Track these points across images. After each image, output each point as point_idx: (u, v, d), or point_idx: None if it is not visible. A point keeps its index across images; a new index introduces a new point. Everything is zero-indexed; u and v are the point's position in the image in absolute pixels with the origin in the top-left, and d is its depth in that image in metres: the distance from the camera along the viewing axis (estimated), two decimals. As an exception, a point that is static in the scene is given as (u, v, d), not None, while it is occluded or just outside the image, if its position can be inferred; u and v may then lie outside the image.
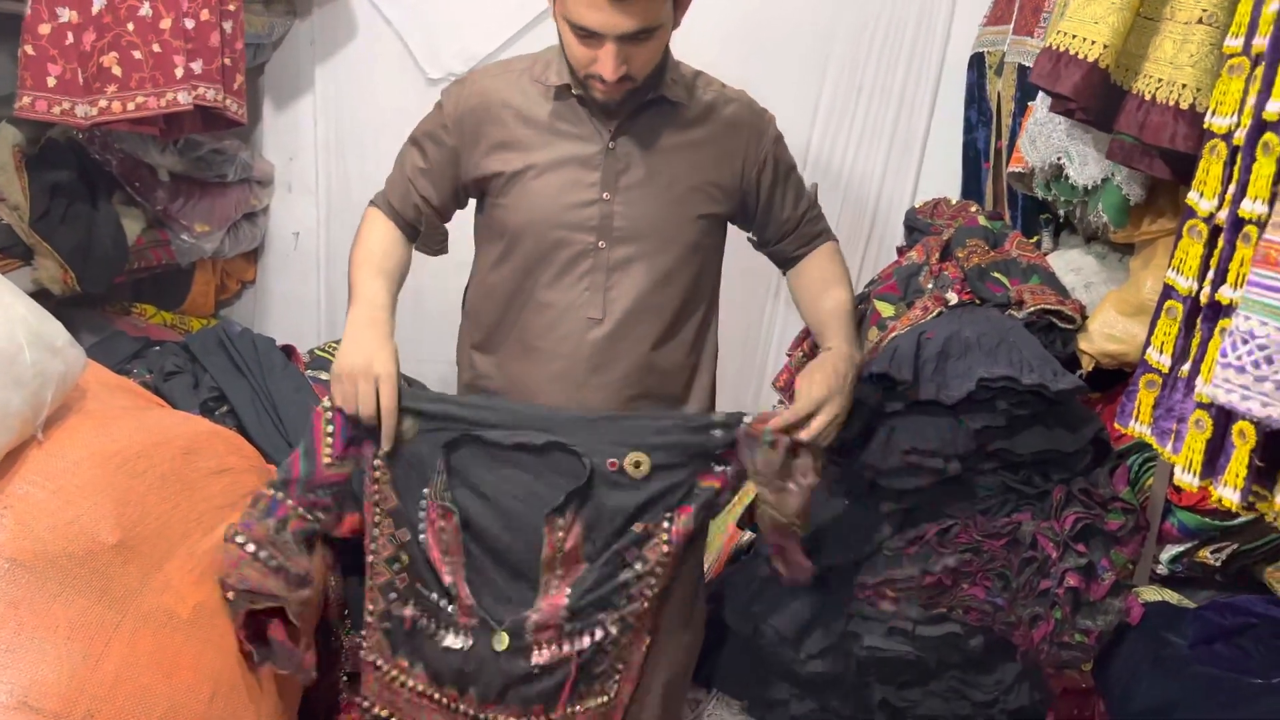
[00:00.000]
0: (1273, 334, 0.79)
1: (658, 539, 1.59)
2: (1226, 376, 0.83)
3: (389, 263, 1.70)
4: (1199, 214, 1.19)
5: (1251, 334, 0.80)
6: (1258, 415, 0.81)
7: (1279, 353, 0.79)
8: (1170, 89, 1.38)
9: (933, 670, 1.85)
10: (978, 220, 2.22)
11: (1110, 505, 1.71)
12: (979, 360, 1.71)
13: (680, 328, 1.71)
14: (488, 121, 1.64)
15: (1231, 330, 0.83)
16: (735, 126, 1.67)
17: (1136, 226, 1.79)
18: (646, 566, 1.59)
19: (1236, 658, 1.56)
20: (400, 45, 2.68)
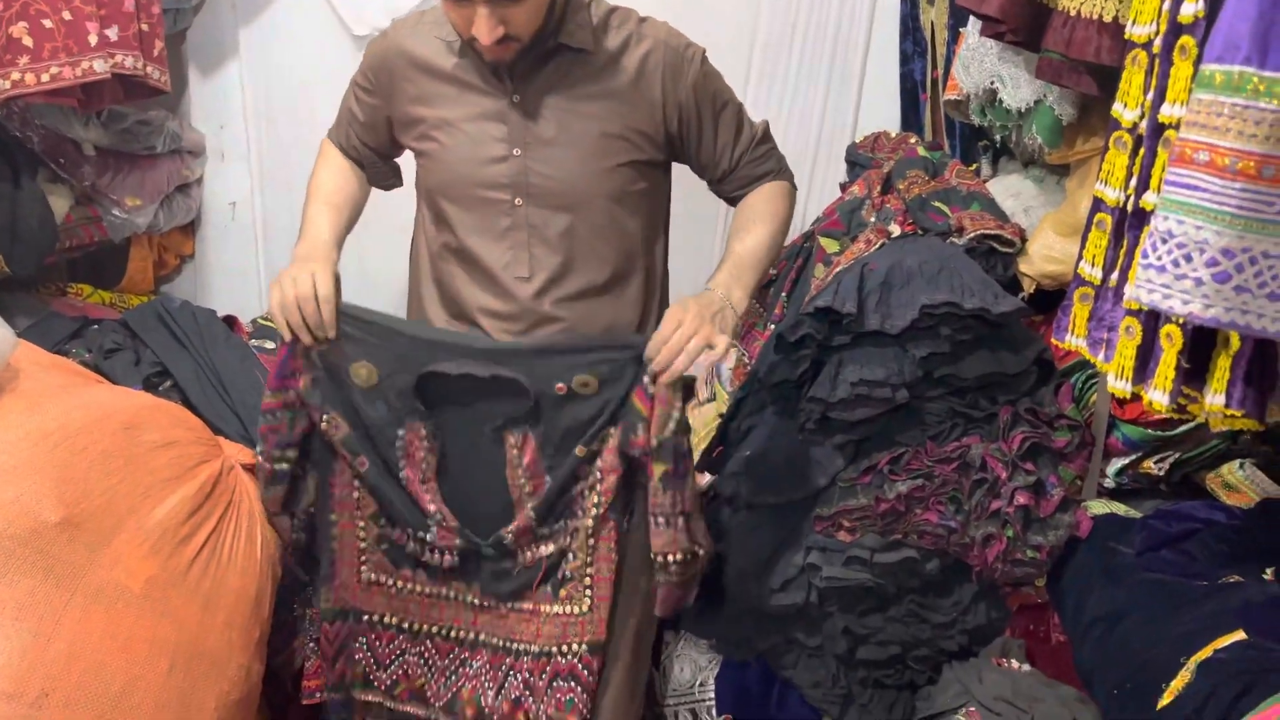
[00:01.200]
0: (1190, 231, 0.80)
1: (602, 460, 1.61)
2: (1149, 277, 0.84)
3: (339, 196, 1.73)
4: (1123, 124, 1.20)
5: (1170, 233, 0.81)
6: (1179, 312, 0.82)
7: (1197, 250, 0.80)
8: (1093, 3, 1.38)
9: (892, 596, 1.88)
10: (917, 151, 2.22)
11: (1056, 423, 1.74)
12: (921, 288, 1.72)
13: (620, 282, 1.71)
14: (400, 77, 1.64)
15: (1152, 231, 0.84)
16: (650, 66, 1.61)
17: (1071, 146, 1.81)
18: (591, 481, 1.63)
19: (1182, 563, 1.60)
20: (323, 3, 2.61)
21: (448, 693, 1.76)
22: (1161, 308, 0.83)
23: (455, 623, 1.74)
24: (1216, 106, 0.79)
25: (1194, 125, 0.81)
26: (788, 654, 2.00)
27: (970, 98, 1.98)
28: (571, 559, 1.68)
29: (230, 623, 1.50)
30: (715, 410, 2.44)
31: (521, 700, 1.73)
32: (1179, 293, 0.82)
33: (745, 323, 2.38)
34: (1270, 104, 0.76)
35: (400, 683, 1.76)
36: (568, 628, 1.70)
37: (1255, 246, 0.79)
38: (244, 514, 1.64)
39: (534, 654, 1.71)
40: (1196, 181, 0.80)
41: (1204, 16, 0.97)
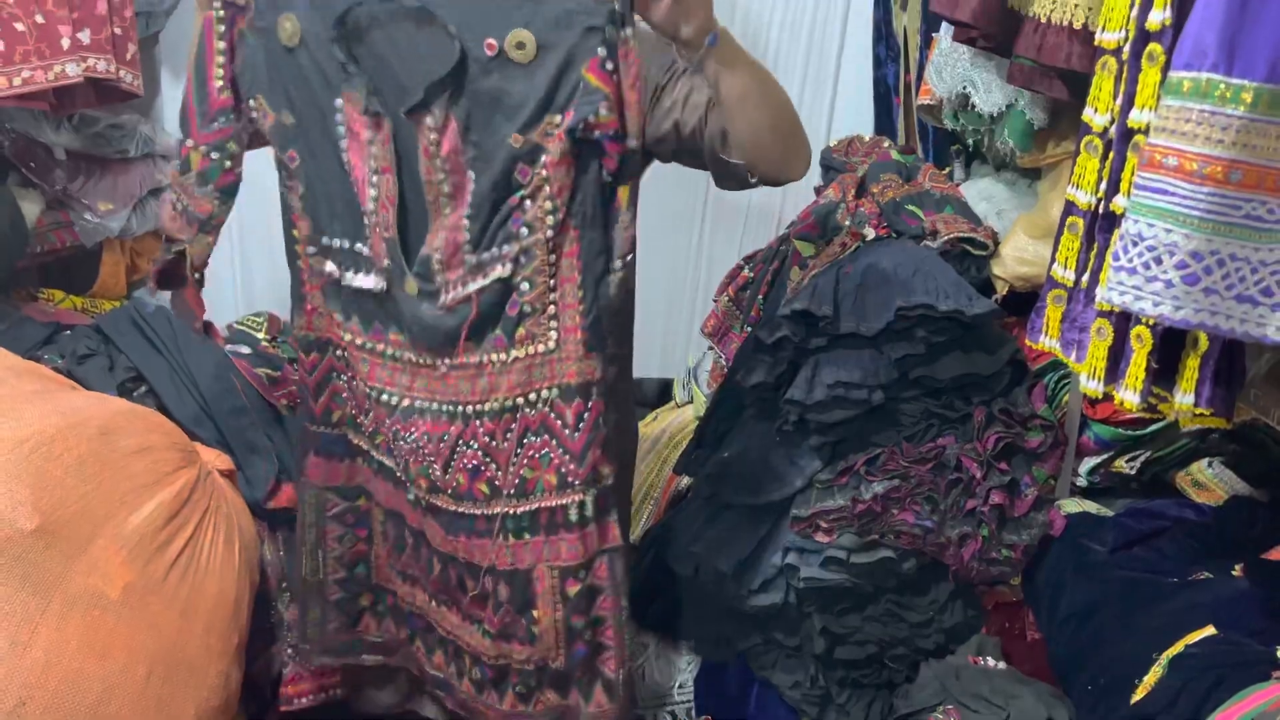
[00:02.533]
0: (1160, 234, 0.82)
1: (546, 154, 1.36)
2: (1120, 279, 0.86)
3: None
4: (1094, 129, 1.22)
5: (1140, 236, 0.83)
6: (1150, 314, 0.84)
7: (1167, 253, 0.82)
8: (1064, 9, 1.40)
9: (869, 596, 1.89)
10: (890, 155, 2.24)
11: (1029, 423, 1.76)
12: (896, 291, 1.73)
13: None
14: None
15: (1122, 234, 0.86)
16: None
17: (1042, 150, 1.83)
18: (535, 183, 1.38)
19: (1153, 559, 1.62)
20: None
21: (400, 463, 1.56)
22: (1133, 309, 0.85)
23: (388, 385, 1.52)
24: (1185, 112, 0.81)
25: (1163, 130, 0.83)
26: (766, 655, 2.01)
27: (943, 102, 2.00)
28: (527, 288, 1.42)
29: (209, 629, 1.49)
30: (693, 412, 2.45)
31: (481, 469, 1.50)
32: (1150, 294, 0.83)
33: (721, 325, 2.40)
34: (1236, 110, 0.78)
35: (379, 432, 1.57)
36: (533, 372, 1.46)
37: (1223, 249, 0.81)
38: (221, 519, 1.63)
39: (492, 412, 1.47)
40: (1166, 186, 0.82)
41: (1171, 24, 0.99)
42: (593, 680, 1.63)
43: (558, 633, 1.56)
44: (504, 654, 1.61)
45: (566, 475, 1.49)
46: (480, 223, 1.41)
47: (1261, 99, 0.78)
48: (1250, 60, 0.77)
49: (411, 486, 1.57)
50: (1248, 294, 0.82)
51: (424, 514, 1.59)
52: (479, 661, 1.65)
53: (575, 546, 1.53)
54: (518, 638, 1.59)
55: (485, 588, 1.57)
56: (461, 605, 1.62)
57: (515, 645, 1.60)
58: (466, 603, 1.61)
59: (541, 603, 1.55)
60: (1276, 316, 0.82)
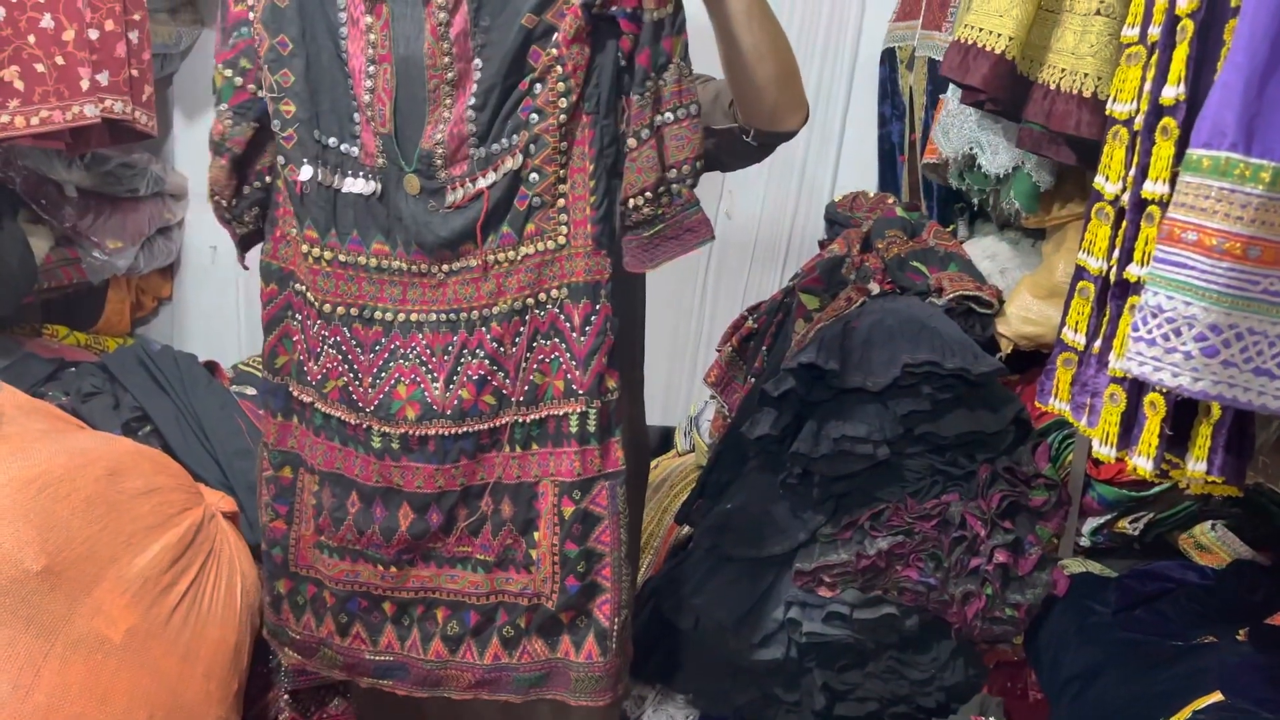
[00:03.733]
0: (1180, 307, 0.84)
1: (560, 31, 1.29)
2: (1139, 350, 0.87)
3: None
4: (1105, 197, 1.24)
5: (1160, 308, 0.85)
6: (1169, 385, 0.86)
7: (1186, 325, 0.83)
8: (1073, 78, 1.43)
9: (871, 652, 1.89)
10: (895, 211, 2.27)
11: (1034, 482, 1.77)
12: (903, 347, 1.75)
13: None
14: None
15: (1141, 306, 0.87)
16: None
17: (1047, 212, 1.86)
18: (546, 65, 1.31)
19: (1157, 622, 1.62)
20: (313, 52, 2.64)
21: (378, 394, 1.43)
22: (1151, 380, 0.86)
23: (380, 301, 1.42)
24: (1204, 189, 0.82)
25: (1182, 206, 0.84)
26: (765, 710, 2.00)
27: (949, 162, 2.03)
28: (536, 179, 1.34)
29: (209, 674, 1.48)
30: (694, 461, 2.45)
31: (488, 379, 1.40)
32: (1169, 365, 0.85)
33: (724, 376, 2.41)
34: (1255, 189, 0.80)
35: (329, 379, 1.45)
36: (543, 270, 1.37)
37: (1241, 323, 0.83)
38: (224, 564, 1.62)
39: (500, 315, 1.38)
40: (1185, 260, 0.84)
41: (1185, 99, 1.02)
42: (586, 628, 1.48)
43: (554, 561, 1.43)
44: (498, 587, 1.47)
45: (571, 382, 1.39)
46: (489, 113, 1.33)
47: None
48: (1269, 141, 0.79)
49: (381, 431, 1.43)
50: (1265, 367, 0.84)
51: (400, 458, 1.44)
52: (459, 611, 1.50)
53: (574, 462, 1.41)
54: (515, 563, 1.45)
55: (485, 509, 1.45)
56: (442, 551, 1.48)
57: (512, 573, 1.46)
58: (454, 541, 1.47)
59: (543, 523, 1.43)
60: (1294, 390, 0.84)
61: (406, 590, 1.50)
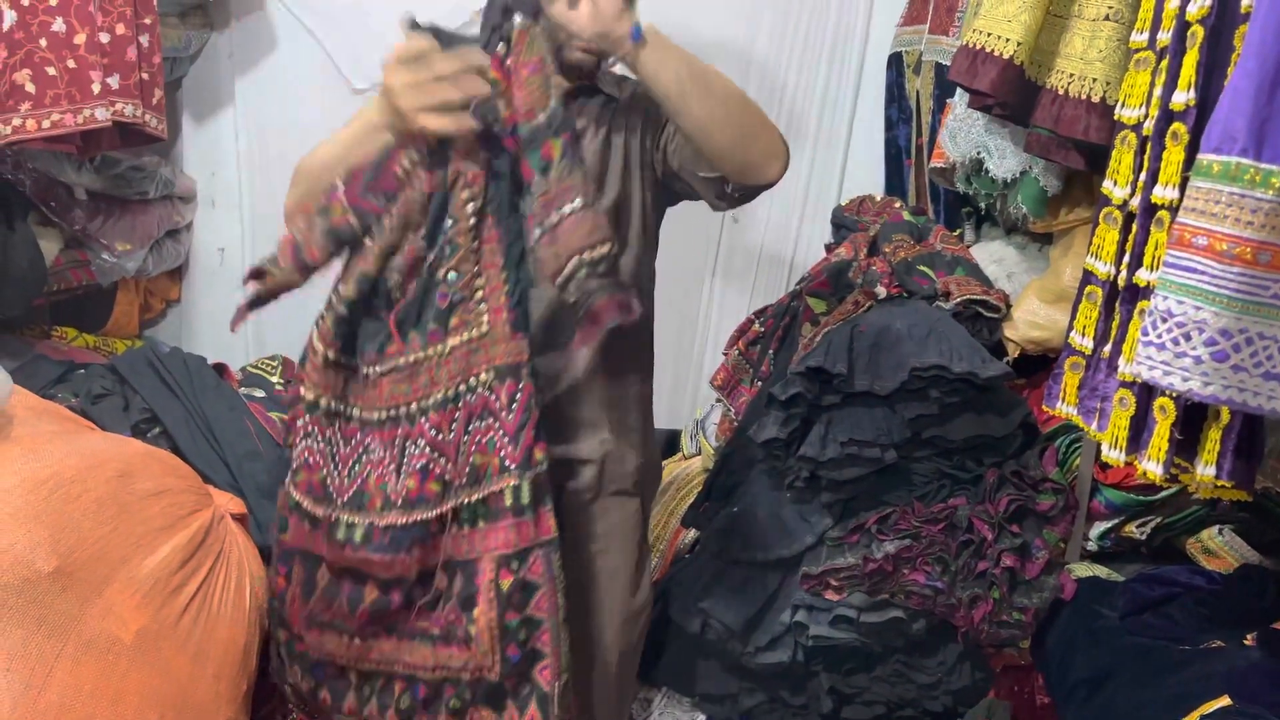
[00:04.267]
0: (1190, 311, 0.84)
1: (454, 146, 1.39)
2: (1149, 354, 0.87)
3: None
4: (1113, 201, 1.24)
5: (1170, 313, 0.85)
6: (1179, 389, 0.86)
7: (1196, 329, 0.83)
8: (1082, 83, 1.43)
9: (878, 656, 1.89)
10: (902, 216, 2.27)
11: (1041, 486, 1.77)
12: (910, 351, 1.75)
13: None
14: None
15: (1151, 310, 0.88)
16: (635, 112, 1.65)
17: (1054, 216, 1.86)
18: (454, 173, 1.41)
19: (1164, 626, 1.63)
20: (323, 55, 2.65)
21: (351, 485, 1.50)
22: (1161, 384, 0.86)
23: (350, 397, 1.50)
24: (1214, 194, 0.83)
25: (1192, 211, 0.85)
26: (772, 713, 2.00)
27: (956, 166, 2.03)
28: (454, 278, 1.44)
29: (219, 675, 1.48)
30: (700, 465, 2.46)
31: (430, 467, 1.47)
32: (1179, 370, 0.85)
33: (731, 379, 2.41)
34: (1266, 194, 0.80)
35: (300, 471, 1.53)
36: (470, 358, 1.46)
37: (1251, 328, 0.83)
38: (234, 565, 1.63)
39: (436, 404, 1.46)
40: (1195, 264, 0.84)
41: (1195, 105, 1.02)
42: (529, 694, 1.52)
43: (493, 634, 1.47)
44: (442, 662, 1.52)
45: (505, 459, 1.46)
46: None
47: (1291, 184, 0.80)
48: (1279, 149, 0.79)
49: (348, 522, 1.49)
50: (1275, 372, 0.84)
51: (360, 549, 1.49)
52: (411, 684, 1.55)
53: (510, 534, 1.46)
54: (457, 639, 1.50)
55: (440, 586, 1.50)
56: (402, 625, 1.53)
57: (454, 649, 1.51)
58: (414, 616, 1.52)
59: (481, 598, 1.47)
60: (1303, 395, 0.84)
61: (369, 662, 1.55)
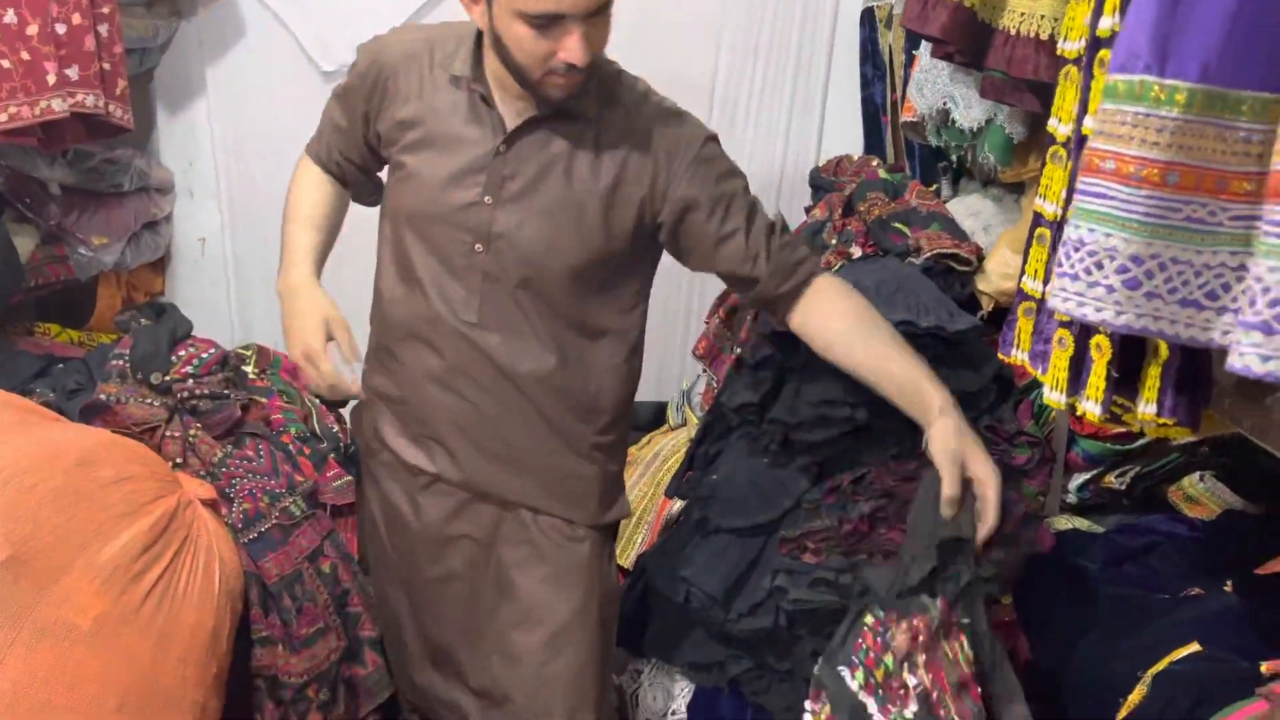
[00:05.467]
0: (1100, 239, 0.81)
1: None
2: (1063, 285, 0.84)
3: (317, 211, 1.73)
4: (1058, 139, 1.21)
5: (1082, 241, 0.82)
6: (1092, 320, 0.83)
7: (1108, 257, 0.80)
8: (1030, 21, 1.40)
9: (860, 616, 1.87)
10: (878, 173, 2.24)
11: (1016, 440, 1.74)
12: (879, 307, 1.72)
13: (577, 350, 1.64)
14: (392, 89, 1.59)
15: (1065, 240, 0.85)
16: (649, 141, 1.52)
17: (1023, 164, 1.82)
18: None
19: (1144, 576, 1.60)
20: (291, 40, 2.64)
21: None
22: (1075, 315, 0.83)
23: None
24: (1120, 115, 0.79)
25: (1100, 134, 0.81)
26: (760, 679, 1.98)
27: (925, 119, 1.99)
28: None
29: (185, 659, 1.49)
30: (686, 435, 2.44)
31: None
32: (1092, 300, 0.82)
33: (713, 348, 2.39)
34: (1171, 111, 0.77)
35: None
36: None
37: (1164, 253, 0.80)
38: (201, 550, 1.63)
39: None
40: (1104, 190, 0.81)
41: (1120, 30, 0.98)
42: None
43: None
44: None
45: None
46: None
47: (1195, 100, 0.76)
48: (1183, 61, 0.76)
49: None
50: (1191, 298, 0.80)
51: None
52: None
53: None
54: None
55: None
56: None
57: None
58: None
59: None
60: (1222, 320, 0.80)
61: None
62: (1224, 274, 0.80)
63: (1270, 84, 0.76)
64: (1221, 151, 0.77)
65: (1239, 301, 0.79)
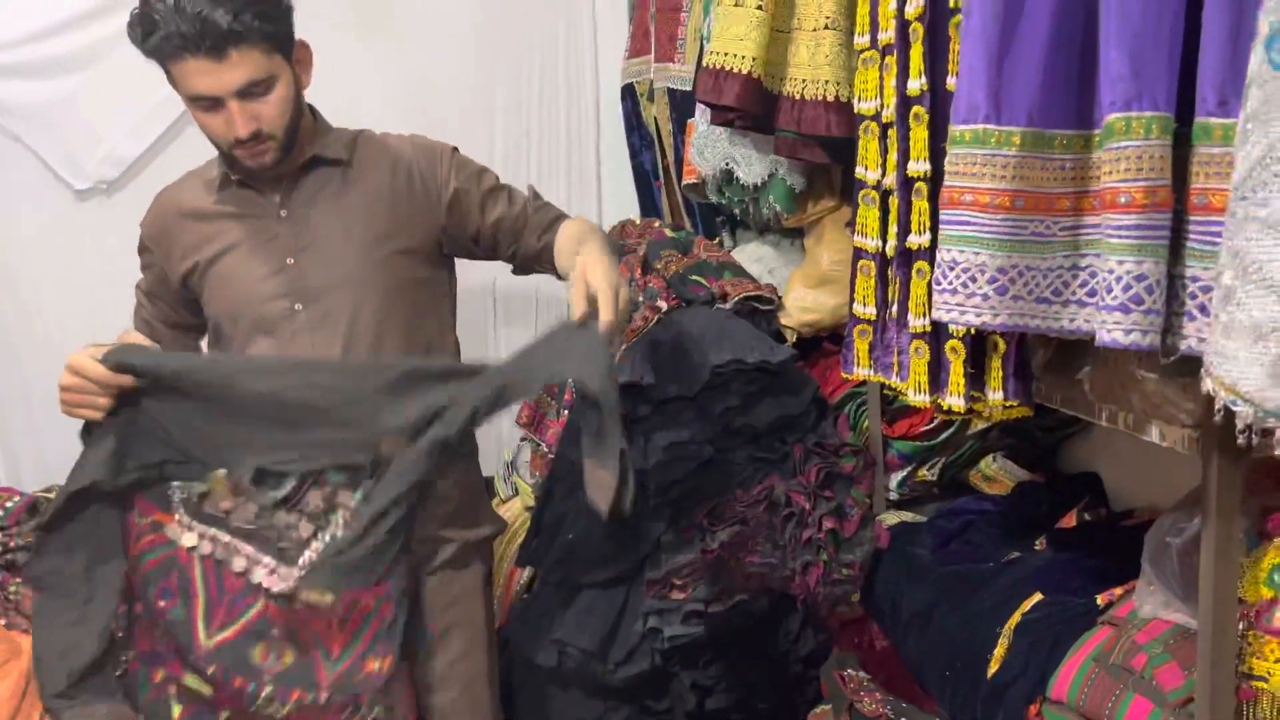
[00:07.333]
0: (971, 258, 0.99)
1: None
2: (944, 300, 1.02)
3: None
4: (868, 184, 1.41)
5: (955, 262, 1.00)
6: (975, 324, 1.01)
7: (979, 271, 0.98)
8: (816, 86, 1.61)
9: (729, 642, 1.99)
10: (665, 233, 2.42)
11: (841, 451, 1.94)
12: (708, 351, 1.88)
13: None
14: (173, 232, 1.70)
15: (939, 263, 1.02)
16: (405, 165, 1.72)
17: (804, 210, 2.05)
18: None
19: (969, 551, 1.82)
20: (36, 160, 2.48)
21: None
22: (960, 323, 1.01)
23: None
24: (970, 158, 0.98)
25: (955, 174, 1.00)
26: (638, 723, 2.06)
27: (708, 179, 2.19)
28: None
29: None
30: (520, 504, 2.48)
31: None
32: (971, 308, 1.00)
33: (535, 414, 2.46)
34: (1009, 150, 0.97)
35: None
36: None
37: (1021, 262, 0.99)
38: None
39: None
40: (967, 218, 0.99)
41: (927, 89, 1.19)
42: None
43: None
44: None
45: None
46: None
47: (1027, 140, 0.97)
48: (1014, 111, 0.96)
49: None
50: (1044, 296, 1.00)
51: None
52: None
53: None
54: None
55: None
56: None
57: None
58: None
59: None
60: (1068, 310, 1.01)
61: None
62: (1062, 274, 1.00)
63: (1073, 123, 0.97)
64: (1046, 179, 0.98)
65: (1077, 294, 1.00)
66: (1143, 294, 0.88)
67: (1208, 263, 0.87)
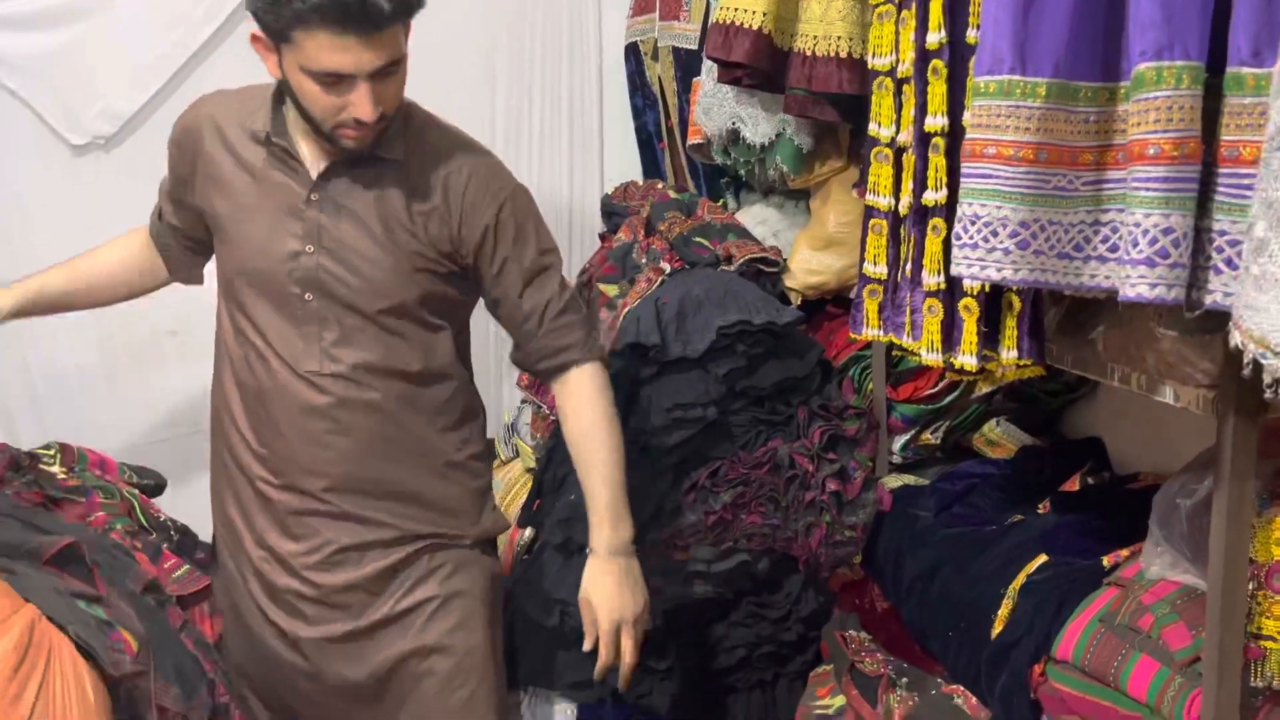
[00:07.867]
0: (993, 211, 0.98)
1: None
2: (964, 254, 1.01)
3: (86, 263, 1.78)
4: (881, 141, 1.40)
5: (976, 216, 0.99)
6: (995, 279, 1.00)
7: (1001, 225, 0.97)
8: (828, 43, 1.59)
9: (730, 602, 2.00)
10: (668, 195, 2.40)
11: (845, 414, 1.94)
12: (713, 313, 1.87)
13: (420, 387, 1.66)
14: (202, 153, 1.62)
15: (960, 217, 1.01)
16: (455, 190, 1.57)
17: (811, 171, 2.03)
18: None
19: (972, 514, 1.83)
20: (33, 115, 2.44)
21: None
22: (980, 278, 1.00)
23: None
24: (994, 109, 0.97)
25: (978, 126, 0.99)
26: (640, 683, 2.06)
27: (713, 139, 2.17)
28: None
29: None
30: (521, 466, 2.48)
31: None
32: (993, 263, 0.99)
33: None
34: (1034, 102, 0.95)
35: None
36: None
37: (1043, 216, 0.98)
38: (66, 659, 1.49)
39: None
40: (989, 171, 0.98)
41: (947, 42, 1.18)
42: None
43: None
44: None
45: None
46: None
47: (1052, 91, 0.95)
48: (1039, 61, 0.94)
49: None
50: (1065, 251, 0.99)
51: None
52: None
53: None
54: None
55: None
56: None
57: None
58: None
59: None
60: (1089, 266, 1.00)
61: None
62: (1084, 229, 0.99)
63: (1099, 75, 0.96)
64: (1070, 131, 0.97)
65: (1099, 250, 0.99)
66: (1169, 247, 0.87)
67: (1236, 215, 0.86)
